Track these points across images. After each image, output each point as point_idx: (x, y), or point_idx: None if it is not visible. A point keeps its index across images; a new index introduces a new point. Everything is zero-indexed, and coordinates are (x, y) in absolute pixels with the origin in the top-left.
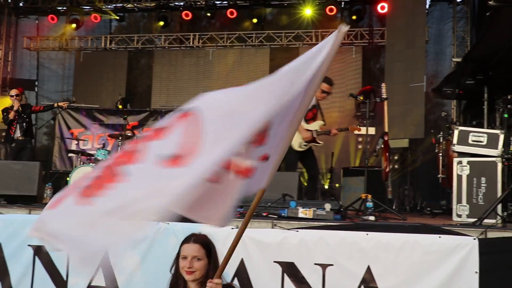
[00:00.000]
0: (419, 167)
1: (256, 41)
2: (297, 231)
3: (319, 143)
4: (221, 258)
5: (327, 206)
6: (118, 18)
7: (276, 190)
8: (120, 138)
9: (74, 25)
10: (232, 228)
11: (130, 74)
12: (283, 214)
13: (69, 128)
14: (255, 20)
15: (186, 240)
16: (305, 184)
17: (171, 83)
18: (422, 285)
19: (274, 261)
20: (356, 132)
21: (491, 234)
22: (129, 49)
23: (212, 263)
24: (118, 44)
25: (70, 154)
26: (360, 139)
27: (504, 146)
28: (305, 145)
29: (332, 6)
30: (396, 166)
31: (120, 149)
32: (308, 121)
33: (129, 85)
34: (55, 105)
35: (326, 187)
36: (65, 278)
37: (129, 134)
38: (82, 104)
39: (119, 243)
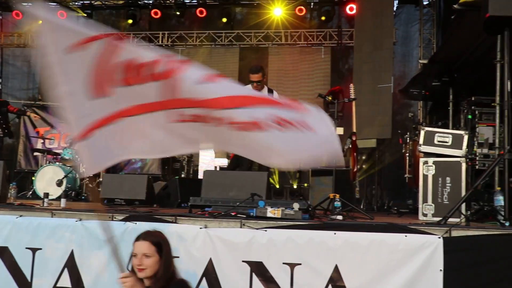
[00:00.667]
0: (386, 167)
1: (225, 41)
2: (266, 230)
3: None
4: (189, 257)
5: (296, 206)
6: (85, 15)
7: (244, 190)
8: None
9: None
10: (201, 228)
11: None
12: (251, 214)
13: (34, 126)
14: (224, 19)
15: (137, 238)
16: (276, 185)
17: None
18: (389, 284)
19: (243, 261)
20: None
21: (455, 233)
22: None
23: (163, 260)
24: None
25: (35, 153)
26: None
27: (468, 146)
28: None
29: (302, 7)
30: (364, 166)
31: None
32: None
33: None
34: (27, 113)
35: (295, 186)
36: (29, 279)
37: None
38: (49, 102)
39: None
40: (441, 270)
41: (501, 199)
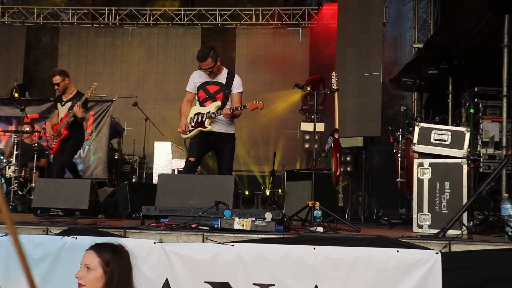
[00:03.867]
0: (375, 170)
1: (185, 20)
2: (233, 245)
3: (206, 127)
4: (141, 278)
5: (268, 216)
6: None
7: (207, 197)
8: (16, 134)
9: None
10: (155, 243)
11: (29, 55)
12: (215, 225)
13: None
14: None
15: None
16: (246, 191)
17: (81, 67)
18: None
19: (205, 282)
20: (259, 108)
21: (456, 247)
22: (28, 24)
23: (108, 278)
24: (13, 18)
25: None
26: (307, 137)
27: (470, 146)
28: (190, 131)
29: None
30: (348, 169)
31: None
32: (203, 102)
33: (28, 68)
34: None
35: (267, 193)
36: None
37: (27, 129)
38: None
39: None
40: None
41: (510, 208)
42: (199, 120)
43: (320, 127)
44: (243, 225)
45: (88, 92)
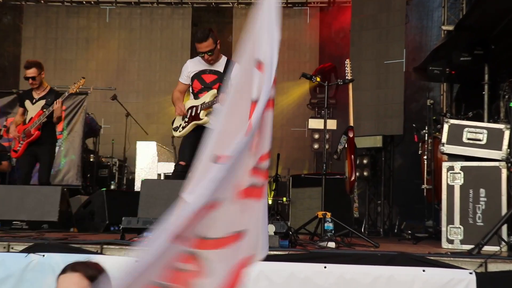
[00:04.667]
0: (396, 174)
1: None
2: None
3: (201, 119)
4: None
5: (271, 228)
6: None
7: None
8: None
9: None
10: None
11: None
12: None
13: None
14: None
15: (63, 271)
16: None
17: (49, 53)
18: None
19: None
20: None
21: (493, 267)
22: None
23: None
24: None
25: None
26: (316, 136)
27: (510, 146)
28: (183, 127)
29: None
30: (365, 174)
31: None
32: (198, 94)
33: None
34: None
35: (270, 202)
36: None
37: None
38: None
39: None
40: None
41: None
42: (193, 114)
43: (332, 124)
44: None
45: (73, 87)
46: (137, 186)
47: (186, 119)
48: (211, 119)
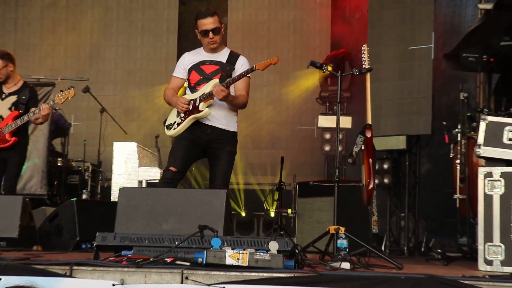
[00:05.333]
0: (423, 182)
1: None
2: (224, 287)
3: (200, 111)
4: None
5: (273, 246)
6: None
7: (188, 220)
8: None
9: None
10: (114, 285)
11: None
12: (199, 260)
13: None
14: None
15: None
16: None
17: (8, 36)
18: None
19: None
20: (273, 64)
21: None
22: None
23: None
24: None
25: None
26: (327, 136)
27: None
28: (178, 123)
29: None
30: (385, 181)
31: None
32: (196, 86)
33: None
34: None
35: (272, 214)
36: None
37: None
38: None
39: None
40: None
41: None
42: (190, 108)
43: (346, 122)
44: (239, 259)
45: (59, 96)
46: (114, 196)
47: (183, 115)
48: (211, 119)
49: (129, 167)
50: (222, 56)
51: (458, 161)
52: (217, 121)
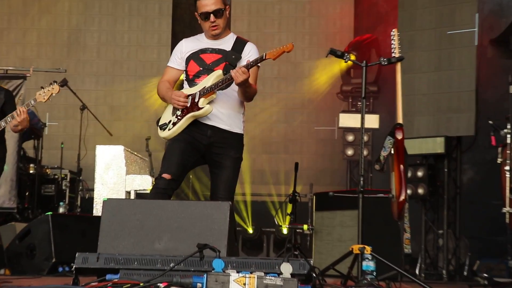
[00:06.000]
0: (465, 192)
1: None
2: None
3: (200, 108)
4: None
5: (286, 269)
6: None
7: (185, 238)
8: None
9: None
10: None
11: None
12: (199, 285)
13: None
14: None
15: None
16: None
17: None
18: None
19: None
20: (286, 52)
21: None
22: None
23: None
24: None
25: None
26: (350, 138)
27: None
28: (174, 123)
29: None
30: (420, 191)
31: None
32: (194, 79)
33: None
34: None
35: (285, 231)
36: None
37: None
38: None
39: None
40: None
41: None
42: (188, 104)
43: (372, 121)
44: (245, 284)
45: (42, 93)
46: (97, 209)
47: (179, 113)
48: (211, 119)
49: (114, 175)
50: (227, 43)
51: (507, 167)
52: (220, 121)
